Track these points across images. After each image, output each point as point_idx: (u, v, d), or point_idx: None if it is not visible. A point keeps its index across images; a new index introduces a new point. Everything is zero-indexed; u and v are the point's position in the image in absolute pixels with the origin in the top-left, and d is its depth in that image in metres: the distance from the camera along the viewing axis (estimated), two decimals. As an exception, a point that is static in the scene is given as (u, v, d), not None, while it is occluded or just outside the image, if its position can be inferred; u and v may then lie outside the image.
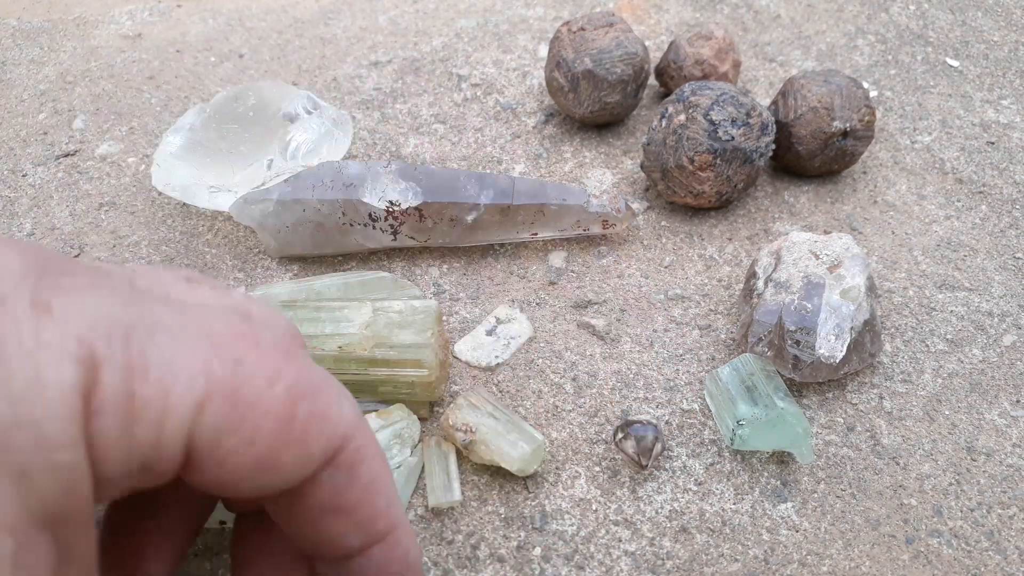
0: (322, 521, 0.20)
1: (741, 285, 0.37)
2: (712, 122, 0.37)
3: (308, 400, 0.18)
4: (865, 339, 0.32)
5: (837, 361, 0.31)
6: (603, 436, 0.31)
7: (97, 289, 0.16)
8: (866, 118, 0.39)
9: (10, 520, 0.14)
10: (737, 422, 0.29)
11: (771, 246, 0.34)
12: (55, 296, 0.15)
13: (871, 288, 0.33)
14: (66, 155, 0.46)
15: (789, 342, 0.31)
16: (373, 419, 0.30)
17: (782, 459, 0.30)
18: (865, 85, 0.48)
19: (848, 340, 0.31)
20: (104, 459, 0.15)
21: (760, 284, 0.33)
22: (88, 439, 0.15)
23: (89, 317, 0.16)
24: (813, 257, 0.33)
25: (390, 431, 0.30)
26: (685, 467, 0.30)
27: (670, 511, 0.29)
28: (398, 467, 0.29)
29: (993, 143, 0.39)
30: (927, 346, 0.35)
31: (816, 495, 0.30)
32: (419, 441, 0.31)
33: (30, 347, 0.14)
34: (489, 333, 0.35)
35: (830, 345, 0.31)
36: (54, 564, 0.15)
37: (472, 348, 0.34)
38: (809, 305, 0.31)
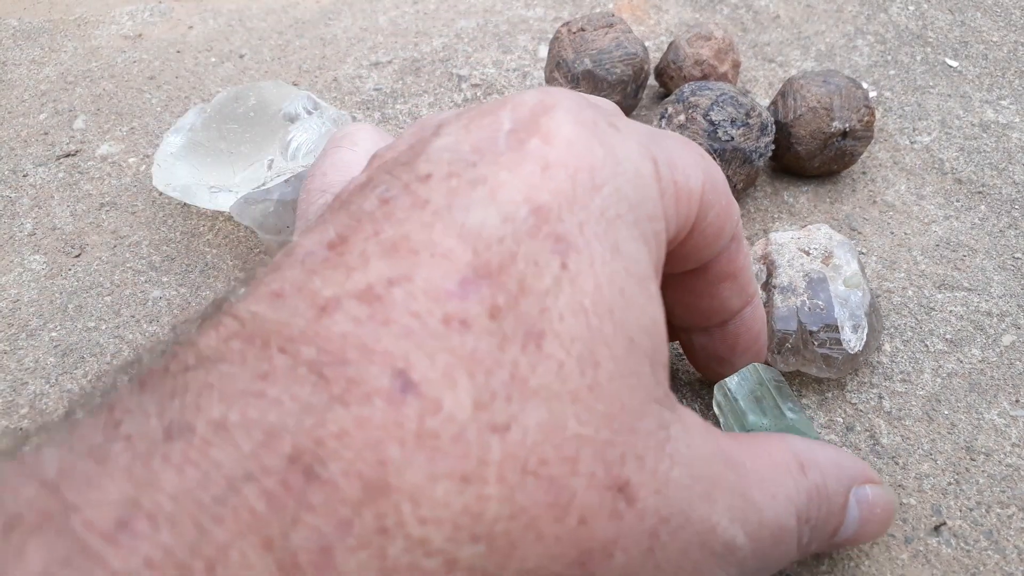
0: (718, 288, 0.26)
1: (741, 285, 0.37)
2: (712, 122, 0.37)
3: (723, 180, 0.24)
4: (873, 321, 0.32)
5: (860, 349, 0.31)
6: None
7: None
8: (865, 118, 0.40)
9: (648, 270, 0.20)
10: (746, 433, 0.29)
11: (754, 251, 0.34)
12: (618, 119, 0.21)
13: (862, 269, 0.33)
14: (67, 155, 0.46)
15: (815, 343, 0.31)
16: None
17: (781, 459, 0.31)
18: (864, 85, 0.48)
19: (865, 327, 0.31)
20: (667, 228, 0.21)
21: (763, 293, 0.33)
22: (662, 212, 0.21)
23: (638, 130, 0.21)
24: (804, 254, 0.33)
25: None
26: (685, 466, 0.30)
27: (670, 510, 0.29)
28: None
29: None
30: (926, 346, 0.35)
31: (815, 494, 0.30)
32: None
33: (623, 151, 0.20)
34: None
35: (852, 337, 0.31)
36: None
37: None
38: (821, 302, 0.31)
